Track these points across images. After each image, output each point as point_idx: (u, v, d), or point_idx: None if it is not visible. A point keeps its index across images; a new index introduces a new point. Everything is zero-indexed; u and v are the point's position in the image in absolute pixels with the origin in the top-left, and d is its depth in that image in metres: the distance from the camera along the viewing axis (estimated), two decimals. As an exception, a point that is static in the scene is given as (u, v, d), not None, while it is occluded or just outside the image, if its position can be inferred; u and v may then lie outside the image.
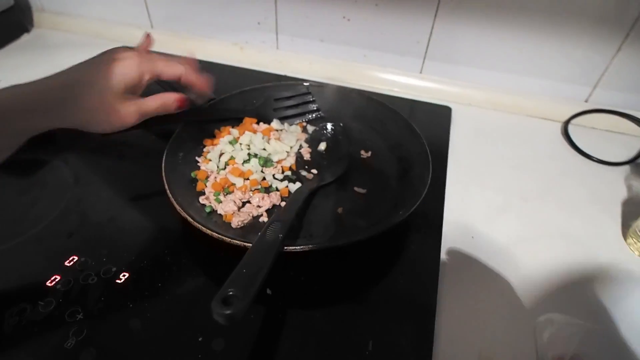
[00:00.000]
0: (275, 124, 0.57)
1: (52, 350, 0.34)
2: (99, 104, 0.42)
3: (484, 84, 0.69)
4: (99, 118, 0.43)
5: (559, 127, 0.66)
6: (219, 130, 0.55)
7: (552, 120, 0.67)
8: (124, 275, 0.40)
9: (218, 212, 0.45)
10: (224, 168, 0.50)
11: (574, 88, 0.66)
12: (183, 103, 0.47)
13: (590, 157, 0.60)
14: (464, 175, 0.55)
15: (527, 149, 0.61)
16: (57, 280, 0.39)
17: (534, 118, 0.67)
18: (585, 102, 0.67)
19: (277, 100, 0.60)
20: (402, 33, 0.67)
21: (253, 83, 0.61)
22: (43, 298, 0.37)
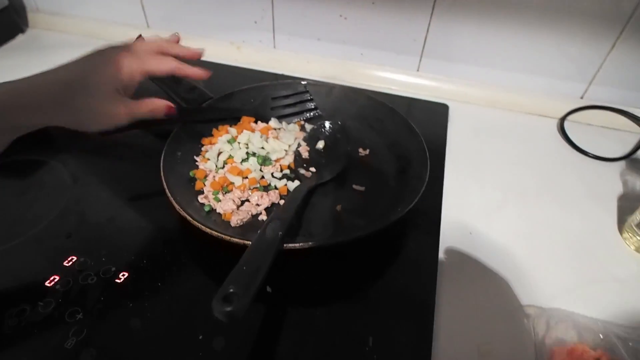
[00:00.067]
0: (274, 123, 0.57)
1: (52, 351, 0.34)
2: (90, 104, 0.42)
3: (481, 82, 0.69)
4: (89, 117, 0.43)
5: (555, 123, 0.66)
6: (217, 130, 0.55)
7: (548, 117, 0.67)
8: (124, 275, 0.40)
9: (217, 211, 0.45)
10: (223, 167, 0.50)
11: (570, 85, 0.66)
12: (171, 110, 0.48)
13: (586, 153, 0.60)
14: (462, 173, 0.56)
15: (523, 146, 0.61)
16: (56, 281, 0.39)
17: (531, 115, 0.68)
18: (581, 98, 0.67)
19: (274, 99, 0.60)
20: (399, 31, 0.68)
21: (250, 82, 0.61)
22: (42, 298, 0.37)
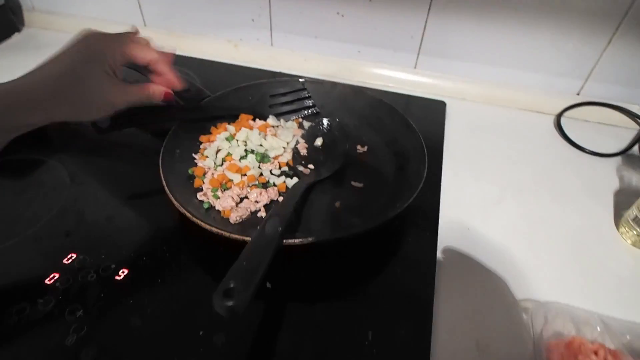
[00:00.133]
0: (272, 121, 0.57)
1: (53, 347, 0.34)
2: (85, 91, 0.42)
3: (478, 79, 0.69)
4: (87, 105, 0.43)
5: (552, 120, 0.67)
6: (216, 127, 0.55)
7: (545, 114, 0.68)
8: (123, 272, 0.40)
9: (216, 208, 0.45)
10: (221, 164, 0.50)
11: (566, 81, 0.67)
12: (169, 96, 0.48)
13: (583, 149, 0.60)
14: (460, 169, 0.56)
15: (521, 142, 0.62)
16: (55, 278, 0.39)
17: (527, 111, 0.68)
18: (577, 95, 0.68)
19: (272, 97, 0.60)
20: (396, 28, 0.68)
21: (248, 80, 0.61)
22: (42, 296, 0.37)
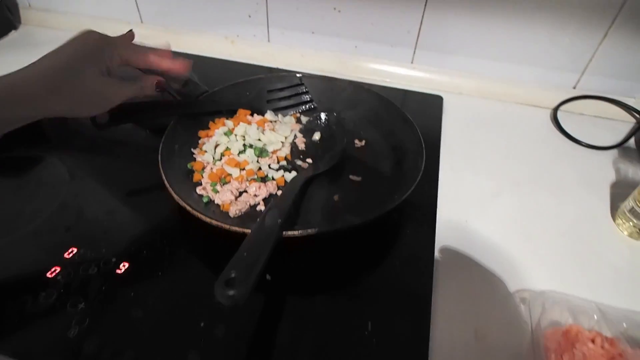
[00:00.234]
0: (269, 115, 0.57)
1: (55, 339, 0.34)
2: (80, 87, 0.42)
3: (475, 73, 0.70)
4: (82, 101, 0.43)
5: (549, 113, 0.67)
6: (214, 122, 0.55)
7: (541, 107, 0.68)
8: (124, 266, 0.40)
9: (215, 202, 0.46)
10: (220, 159, 0.50)
11: (562, 75, 0.67)
12: (161, 83, 0.49)
13: (580, 142, 0.61)
14: (457, 162, 0.56)
15: (517, 136, 0.62)
16: (57, 272, 0.39)
17: (524, 105, 0.69)
18: (574, 88, 0.68)
19: (270, 92, 0.60)
20: (392, 23, 0.68)
21: (245, 76, 0.61)
22: (44, 289, 0.38)
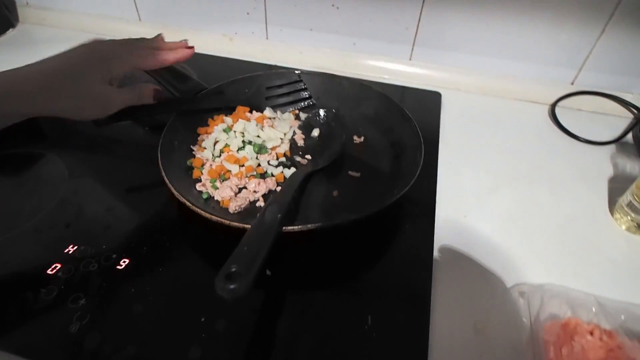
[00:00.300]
0: (268, 112, 0.57)
1: (57, 335, 0.34)
2: (79, 91, 0.43)
3: (473, 69, 0.70)
4: (79, 105, 0.44)
5: (547, 109, 0.67)
6: (213, 119, 0.55)
7: (539, 103, 0.68)
8: (125, 262, 0.40)
9: (215, 198, 0.46)
10: (219, 155, 0.50)
11: (560, 71, 0.67)
12: (159, 93, 0.50)
13: (577, 137, 0.61)
14: (455, 159, 0.56)
15: (516, 132, 0.62)
16: (57, 268, 0.39)
17: (522, 101, 0.69)
18: (571, 84, 0.68)
19: (269, 89, 0.60)
20: (390, 20, 0.68)
21: (243, 74, 0.61)
22: (45, 286, 0.38)
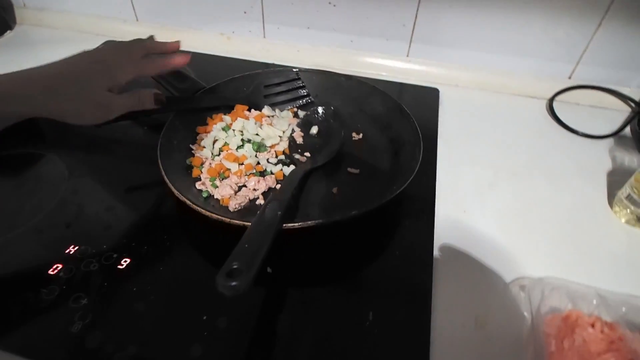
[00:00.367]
0: (267, 110, 0.57)
1: (58, 335, 0.35)
2: (79, 96, 0.43)
3: (470, 65, 0.70)
4: (78, 109, 0.44)
5: (544, 104, 0.67)
6: (211, 118, 0.55)
7: (537, 98, 0.68)
8: (125, 261, 0.40)
9: (215, 196, 0.46)
10: (218, 154, 0.51)
11: (557, 65, 0.67)
12: (160, 97, 0.49)
13: (576, 131, 0.61)
14: (454, 154, 0.57)
15: (514, 127, 0.62)
16: (59, 269, 0.39)
17: (520, 96, 0.69)
18: (569, 79, 0.68)
19: (267, 87, 0.60)
20: (387, 17, 0.68)
21: (242, 72, 0.61)
22: (46, 286, 0.38)
